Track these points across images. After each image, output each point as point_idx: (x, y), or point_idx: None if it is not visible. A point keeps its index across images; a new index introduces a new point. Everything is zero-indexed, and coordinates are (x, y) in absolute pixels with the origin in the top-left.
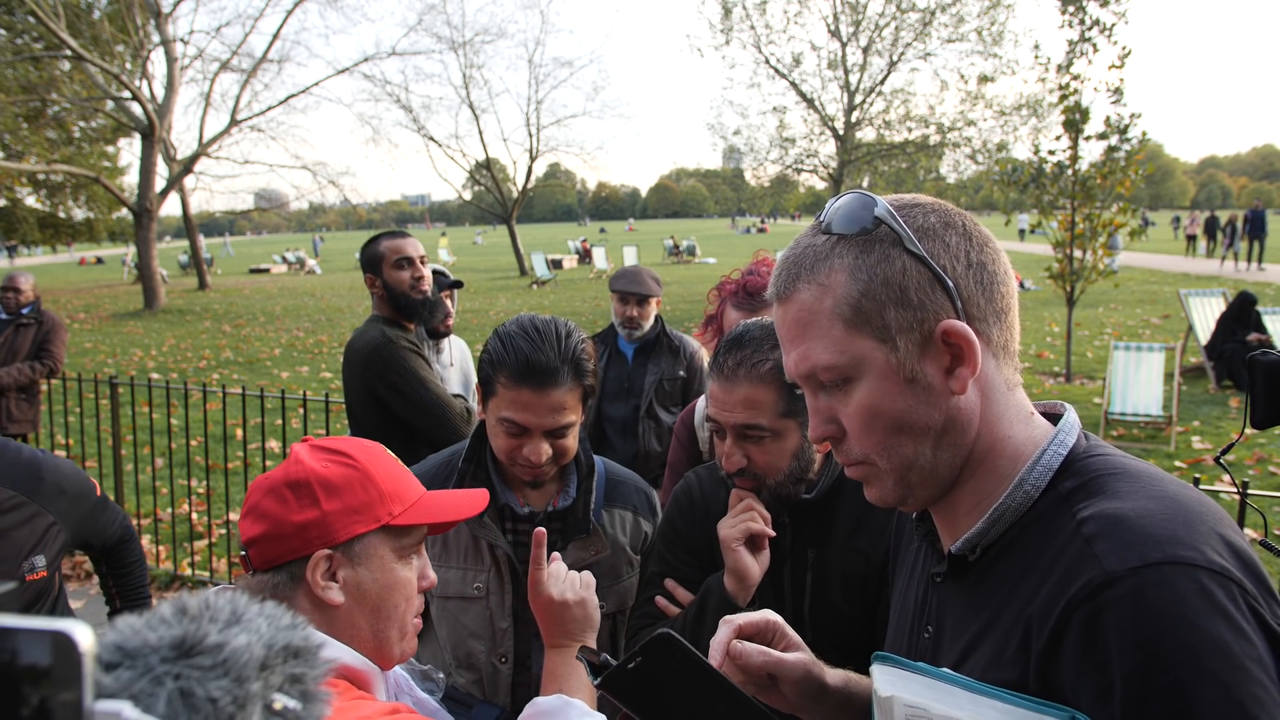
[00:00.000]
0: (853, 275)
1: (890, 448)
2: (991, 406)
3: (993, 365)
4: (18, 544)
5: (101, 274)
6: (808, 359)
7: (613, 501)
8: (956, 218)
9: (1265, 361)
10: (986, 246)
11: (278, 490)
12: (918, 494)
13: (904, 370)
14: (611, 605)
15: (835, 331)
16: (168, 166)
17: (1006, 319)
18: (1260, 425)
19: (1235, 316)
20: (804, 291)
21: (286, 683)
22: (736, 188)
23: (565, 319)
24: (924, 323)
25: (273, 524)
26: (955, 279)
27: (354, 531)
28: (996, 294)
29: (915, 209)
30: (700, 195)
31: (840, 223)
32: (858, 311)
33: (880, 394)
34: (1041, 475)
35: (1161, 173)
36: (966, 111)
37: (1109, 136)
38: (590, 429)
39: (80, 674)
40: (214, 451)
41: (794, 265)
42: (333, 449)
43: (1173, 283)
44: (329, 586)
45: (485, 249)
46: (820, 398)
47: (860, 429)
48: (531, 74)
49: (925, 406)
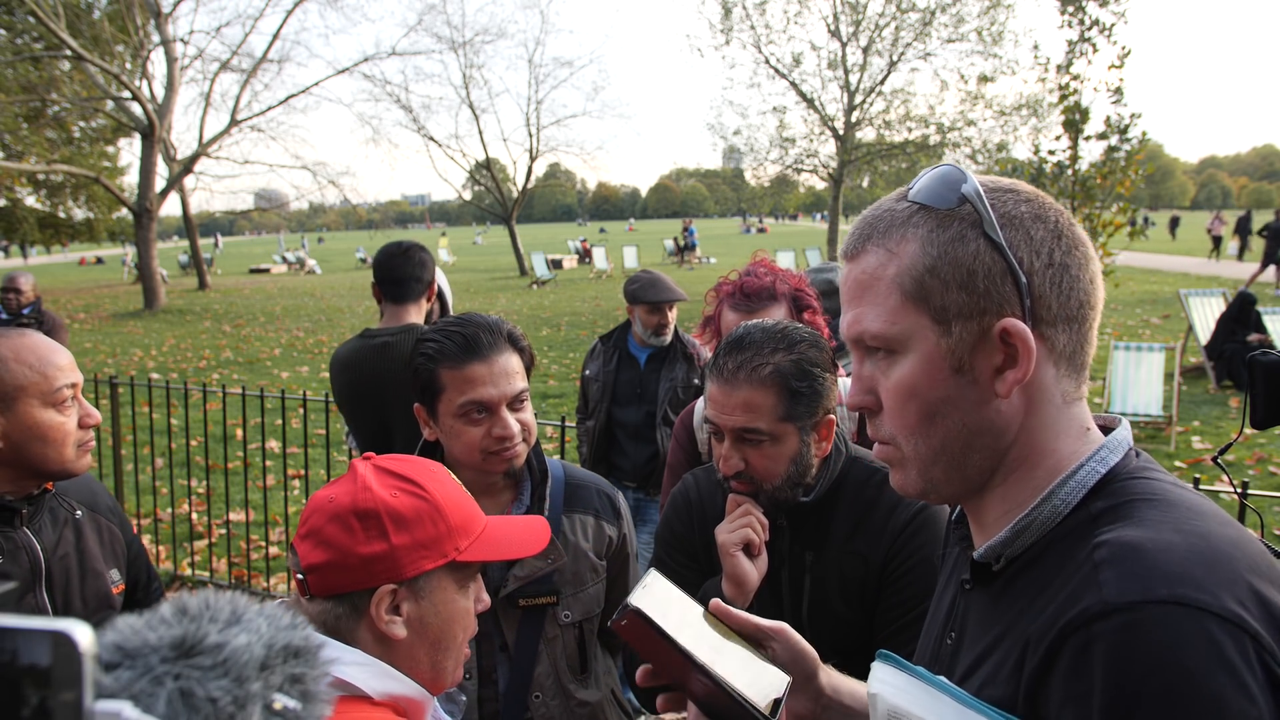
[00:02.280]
0: (924, 248)
1: (919, 434)
2: (1037, 416)
3: (1051, 374)
4: (102, 555)
5: (101, 274)
6: (859, 322)
7: (573, 507)
8: (1051, 212)
9: (1265, 361)
10: (1076, 249)
11: (344, 518)
12: (941, 489)
13: (952, 357)
14: (576, 613)
15: (892, 300)
16: (168, 166)
17: (1080, 328)
18: (1260, 425)
19: (1235, 316)
20: (871, 254)
21: (286, 683)
22: (736, 188)
23: None
24: (985, 314)
25: (338, 553)
26: (1030, 274)
27: (422, 568)
28: (1074, 299)
29: (1008, 195)
30: (700, 195)
31: (925, 192)
32: (920, 286)
33: (922, 375)
34: (1073, 492)
35: (1161, 173)
36: (966, 111)
37: (1109, 136)
38: (601, 432)
39: (80, 674)
40: (214, 451)
41: (868, 226)
42: (401, 474)
43: (1173, 283)
44: (393, 621)
45: (485, 249)
46: (865, 364)
47: (895, 406)
48: (531, 74)
49: (965, 401)
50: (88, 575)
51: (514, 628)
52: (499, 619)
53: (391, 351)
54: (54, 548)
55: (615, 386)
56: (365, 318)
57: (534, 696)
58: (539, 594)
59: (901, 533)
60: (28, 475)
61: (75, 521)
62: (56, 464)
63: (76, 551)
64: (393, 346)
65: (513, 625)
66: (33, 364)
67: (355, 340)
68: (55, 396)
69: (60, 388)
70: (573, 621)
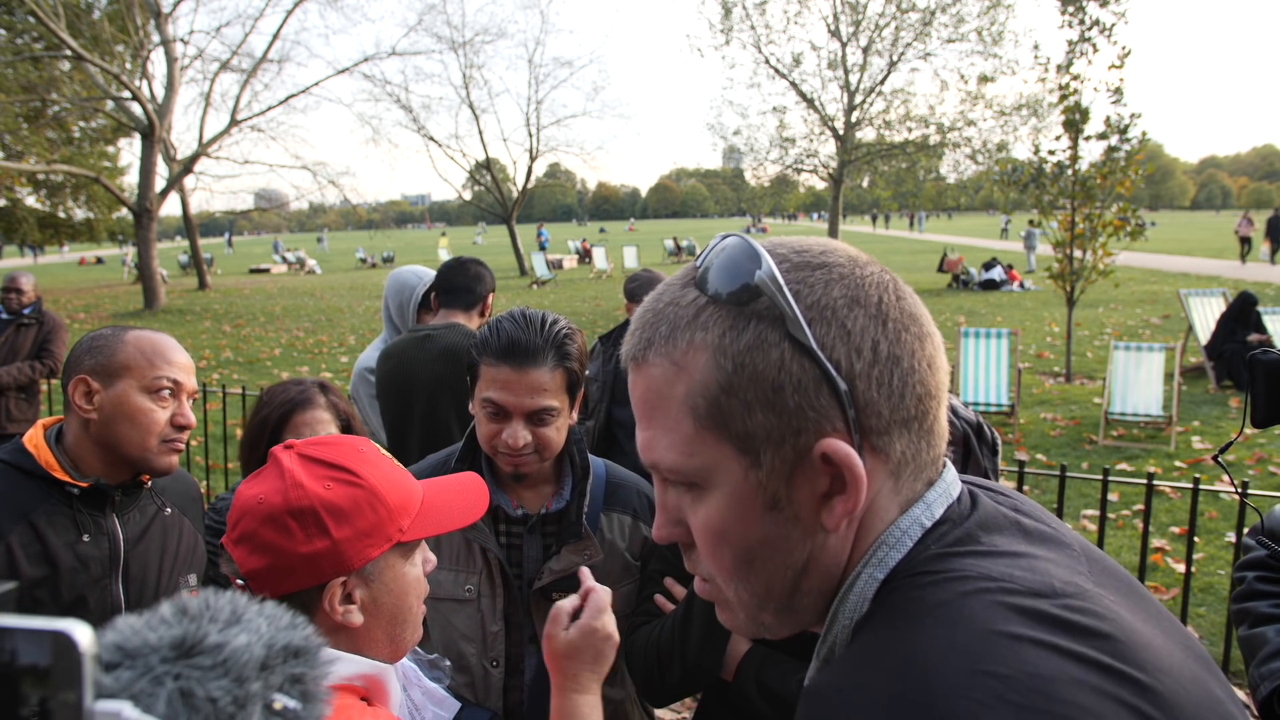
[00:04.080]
0: (715, 360)
1: (739, 580)
2: (867, 539)
3: (888, 489)
4: (182, 557)
5: (101, 274)
6: (652, 449)
7: (611, 505)
8: (871, 288)
9: (1266, 361)
10: (907, 331)
11: (278, 519)
12: (775, 630)
13: (765, 493)
14: None
15: (684, 427)
16: (168, 166)
17: (922, 425)
18: (1261, 424)
19: (1235, 316)
20: (655, 365)
21: (286, 683)
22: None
23: (559, 315)
24: (800, 435)
25: (278, 556)
26: (851, 379)
27: (368, 556)
28: (909, 395)
29: (817, 273)
30: (700, 195)
31: (713, 280)
32: (716, 409)
33: (732, 517)
34: (854, 608)
35: (1161, 173)
36: (966, 111)
37: (1109, 136)
38: (600, 432)
39: (80, 674)
40: (214, 451)
41: (649, 326)
42: (330, 462)
43: (1173, 283)
44: (348, 610)
45: (485, 249)
46: (669, 493)
47: (706, 549)
48: (531, 74)
49: (787, 540)
50: (164, 573)
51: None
52: (531, 611)
53: (431, 343)
54: (136, 540)
55: (614, 386)
56: (365, 318)
57: None
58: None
59: None
60: (117, 459)
61: (164, 519)
62: (138, 449)
63: (159, 548)
64: (434, 339)
65: (543, 618)
66: (145, 350)
67: (405, 336)
68: (154, 384)
69: (161, 377)
70: None
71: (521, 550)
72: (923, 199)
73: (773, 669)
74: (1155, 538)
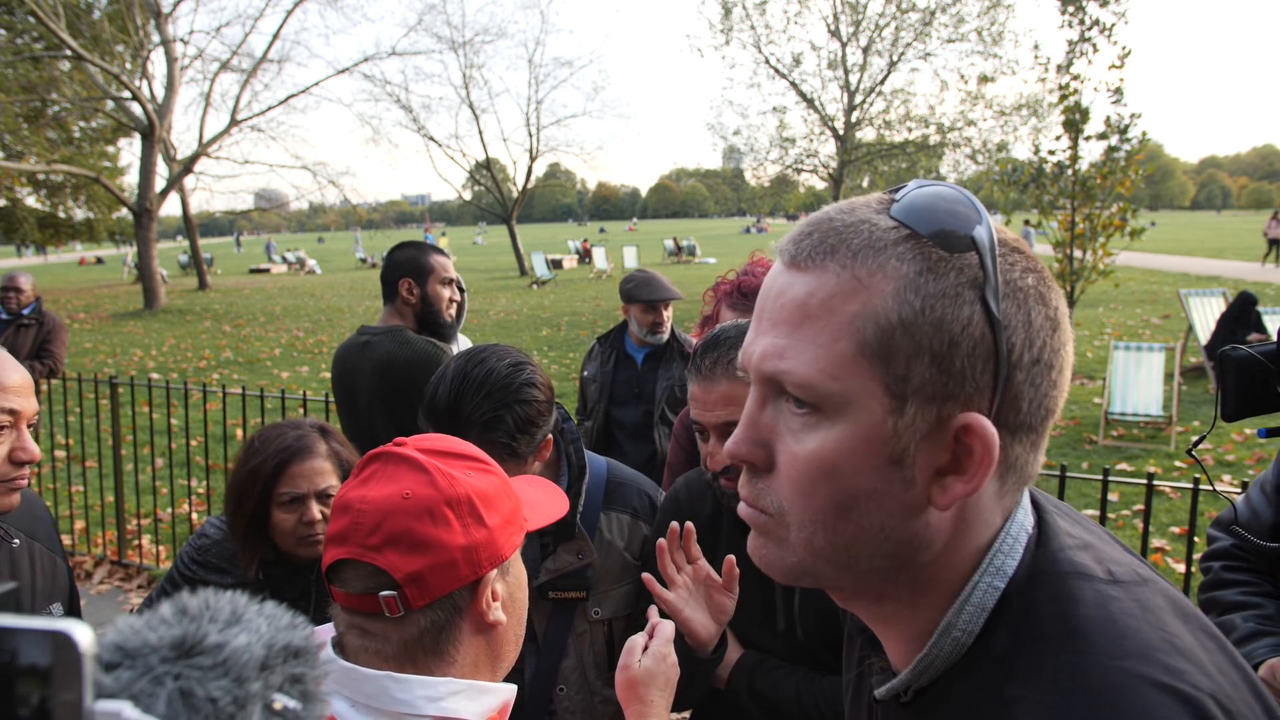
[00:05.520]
0: (902, 293)
1: (821, 524)
2: (967, 540)
3: (993, 490)
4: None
5: (101, 274)
6: (782, 356)
7: (611, 504)
8: (1054, 294)
9: (1235, 357)
10: (1064, 348)
11: (435, 511)
12: (820, 580)
13: (896, 444)
14: (606, 611)
15: (840, 346)
16: (168, 166)
17: (1038, 439)
18: (1231, 418)
19: (1235, 317)
20: (831, 273)
21: (286, 683)
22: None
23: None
24: (951, 400)
25: (440, 552)
26: (1015, 367)
27: (516, 545)
28: (1044, 407)
29: (1016, 257)
30: (700, 195)
31: (923, 217)
32: (885, 341)
33: (849, 455)
34: (973, 618)
35: (1161, 173)
36: (966, 111)
37: (1109, 136)
38: (599, 432)
39: (80, 674)
40: (214, 451)
41: (835, 233)
42: (460, 454)
43: (1173, 283)
44: (496, 608)
45: (485, 249)
46: (767, 409)
47: (800, 481)
48: (531, 74)
49: (892, 501)
50: (24, 610)
51: (544, 620)
52: (530, 610)
53: (368, 352)
54: None
55: (613, 386)
56: (365, 317)
57: (558, 690)
58: (569, 588)
59: None
60: None
61: (11, 551)
62: None
63: None
64: (371, 347)
65: (543, 617)
66: None
67: (352, 335)
68: None
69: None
70: (602, 619)
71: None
72: None
73: (764, 675)
74: (1155, 538)
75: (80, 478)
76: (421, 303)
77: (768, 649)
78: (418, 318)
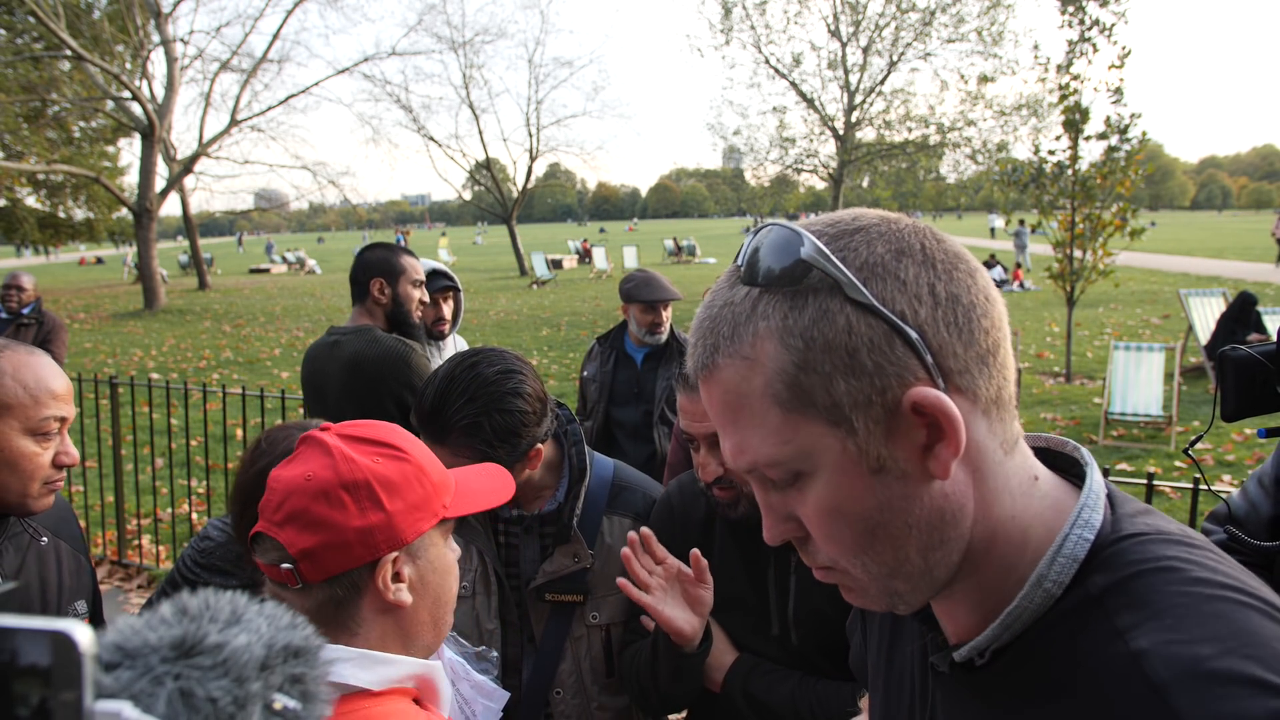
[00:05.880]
0: (784, 342)
1: (865, 553)
2: (987, 483)
3: (984, 428)
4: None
5: (101, 274)
6: (745, 453)
7: (614, 507)
8: (912, 238)
9: (1235, 357)
10: (956, 269)
11: (331, 493)
12: (909, 599)
13: (867, 458)
14: (604, 616)
15: (772, 418)
16: (168, 166)
17: (997, 358)
18: (1230, 418)
19: (1235, 316)
20: (726, 368)
21: (287, 683)
22: (736, 188)
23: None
24: (885, 392)
25: (332, 532)
26: (920, 326)
27: (420, 530)
28: (977, 330)
29: (856, 237)
30: (700, 195)
31: (762, 271)
32: (797, 390)
33: (841, 491)
34: (1065, 569)
35: (1161, 173)
36: (966, 111)
37: (1109, 136)
38: (599, 432)
39: (80, 674)
40: (214, 451)
41: (710, 333)
42: (374, 440)
43: (1173, 283)
44: (399, 589)
45: (485, 249)
46: (771, 493)
47: (825, 534)
48: (531, 74)
49: (903, 499)
50: (49, 607)
51: (542, 622)
52: (528, 611)
53: (337, 351)
54: (14, 576)
55: (612, 386)
56: None
57: (555, 693)
58: (566, 591)
59: None
60: None
61: (40, 549)
62: (17, 496)
63: (39, 580)
64: (340, 346)
65: (540, 619)
66: (29, 385)
67: (322, 335)
68: (40, 425)
69: (48, 417)
70: (600, 624)
71: (519, 550)
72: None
73: (759, 679)
74: None
75: (80, 478)
76: (393, 303)
77: (763, 654)
78: (388, 318)
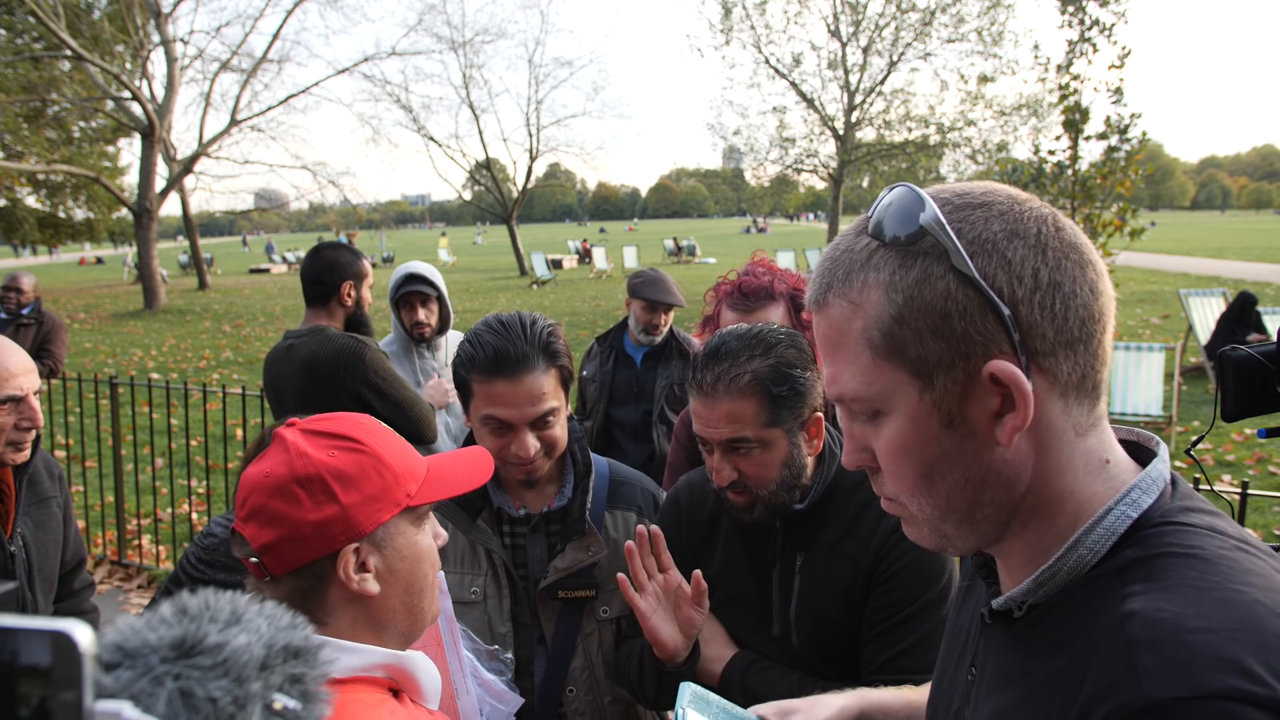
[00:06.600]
0: (888, 295)
1: (921, 494)
2: (1050, 458)
3: (1058, 408)
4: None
5: (101, 274)
6: (836, 382)
7: (615, 503)
8: (1030, 222)
9: (1235, 357)
10: (1067, 259)
11: (286, 489)
12: (956, 544)
13: (940, 412)
14: (615, 610)
15: (863, 359)
16: (168, 166)
17: (1088, 348)
18: (1231, 418)
19: (1235, 316)
20: (834, 306)
21: (286, 683)
22: (736, 188)
23: (531, 311)
24: (969, 358)
25: (288, 527)
26: (1014, 304)
27: (379, 521)
28: (1072, 319)
29: (977, 213)
30: (700, 195)
31: (882, 225)
32: (890, 339)
33: (912, 435)
34: (1102, 540)
35: (1161, 173)
36: (966, 111)
37: (1109, 136)
38: (599, 432)
39: (80, 674)
40: (214, 451)
41: (828, 272)
42: (333, 433)
43: (1173, 283)
44: (364, 579)
45: (485, 249)
46: (855, 423)
47: (891, 468)
48: (531, 74)
49: (964, 455)
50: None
51: (553, 621)
52: (538, 611)
53: (293, 354)
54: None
55: (612, 386)
56: None
57: (568, 691)
58: (578, 587)
59: (891, 535)
60: None
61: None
62: None
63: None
64: (295, 349)
65: (551, 618)
66: None
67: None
68: None
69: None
70: (611, 618)
71: (526, 551)
72: None
73: (757, 674)
74: None
75: (80, 478)
76: (356, 305)
77: (762, 654)
78: (350, 319)
